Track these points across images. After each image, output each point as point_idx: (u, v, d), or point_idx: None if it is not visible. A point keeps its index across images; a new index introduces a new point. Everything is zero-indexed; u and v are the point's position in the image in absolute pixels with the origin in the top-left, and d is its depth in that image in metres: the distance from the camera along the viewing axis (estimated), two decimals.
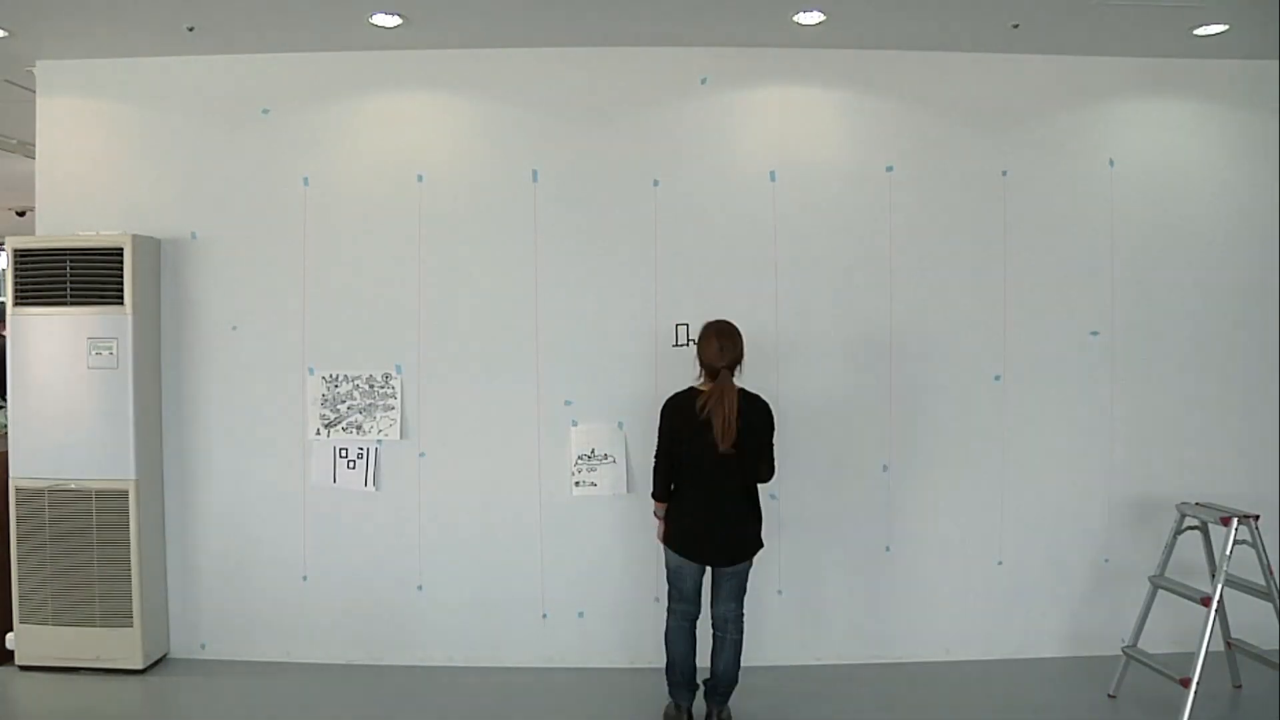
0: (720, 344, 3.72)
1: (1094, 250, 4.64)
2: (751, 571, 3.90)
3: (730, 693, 3.90)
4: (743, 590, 3.88)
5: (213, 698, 4.26)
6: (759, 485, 3.83)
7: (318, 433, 4.57)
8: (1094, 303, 4.64)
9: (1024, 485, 4.63)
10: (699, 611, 3.92)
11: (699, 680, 3.94)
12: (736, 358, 3.73)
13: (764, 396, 3.84)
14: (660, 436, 3.84)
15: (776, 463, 3.86)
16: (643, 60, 4.55)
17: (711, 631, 3.92)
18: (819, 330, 4.57)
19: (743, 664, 4.45)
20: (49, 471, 4.40)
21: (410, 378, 4.58)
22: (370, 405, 4.56)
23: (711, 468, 3.70)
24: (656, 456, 3.87)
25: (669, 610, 3.93)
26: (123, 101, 4.61)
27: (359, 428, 4.56)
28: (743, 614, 3.90)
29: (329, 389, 4.57)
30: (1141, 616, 4.21)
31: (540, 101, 4.55)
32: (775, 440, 3.83)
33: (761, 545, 3.86)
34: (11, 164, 6.50)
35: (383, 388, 4.56)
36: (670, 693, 3.93)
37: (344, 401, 4.56)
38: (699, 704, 3.95)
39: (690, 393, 3.79)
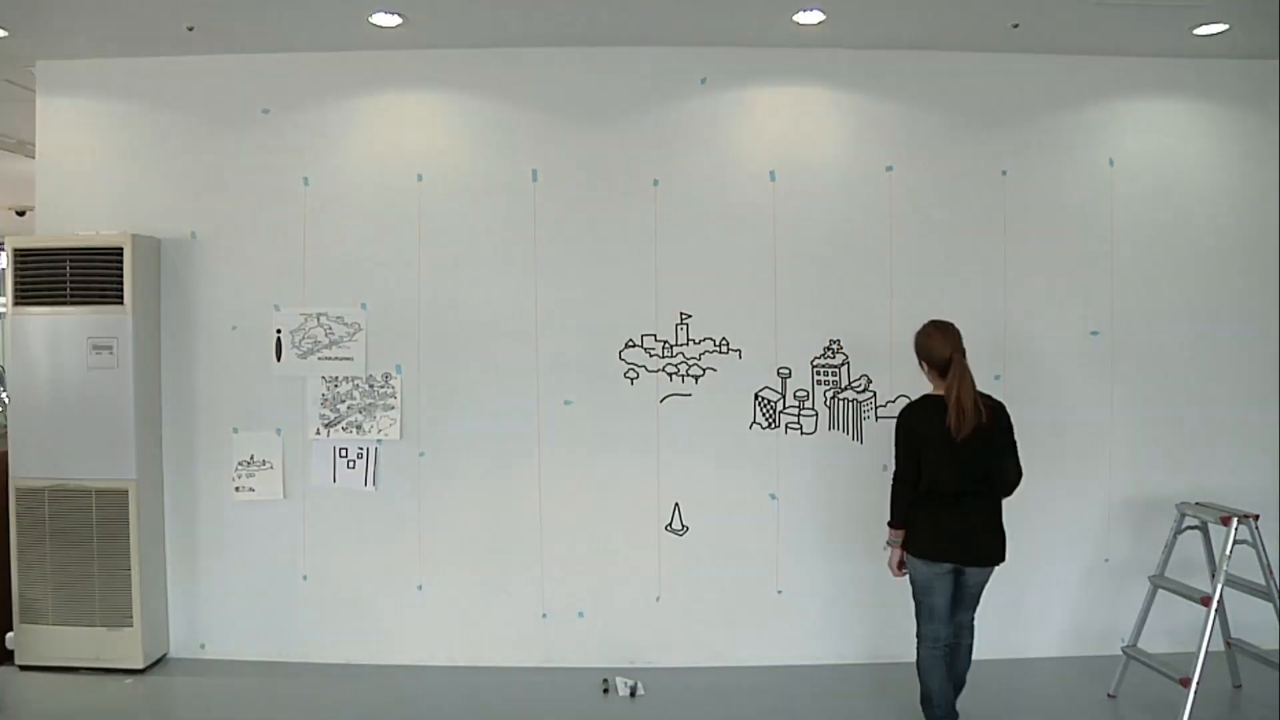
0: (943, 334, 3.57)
1: (1094, 250, 4.64)
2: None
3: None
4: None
5: (213, 698, 4.26)
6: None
7: (318, 432, 4.57)
8: (1094, 303, 4.64)
9: (1024, 485, 4.61)
10: (948, 632, 3.64)
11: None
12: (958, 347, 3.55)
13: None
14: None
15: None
16: (643, 60, 4.55)
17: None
18: (819, 329, 4.57)
19: (742, 663, 4.49)
20: (49, 471, 4.40)
21: (410, 378, 4.58)
22: (370, 405, 4.56)
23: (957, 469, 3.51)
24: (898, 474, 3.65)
25: (919, 637, 3.64)
26: (123, 101, 4.61)
27: (359, 427, 4.56)
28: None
29: (329, 389, 4.57)
30: (1141, 616, 4.21)
31: (540, 101, 4.55)
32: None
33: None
34: (11, 164, 6.50)
35: (383, 387, 4.56)
36: None
37: (344, 401, 4.56)
38: None
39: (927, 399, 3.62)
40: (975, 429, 3.47)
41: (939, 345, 3.56)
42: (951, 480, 3.51)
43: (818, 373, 4.59)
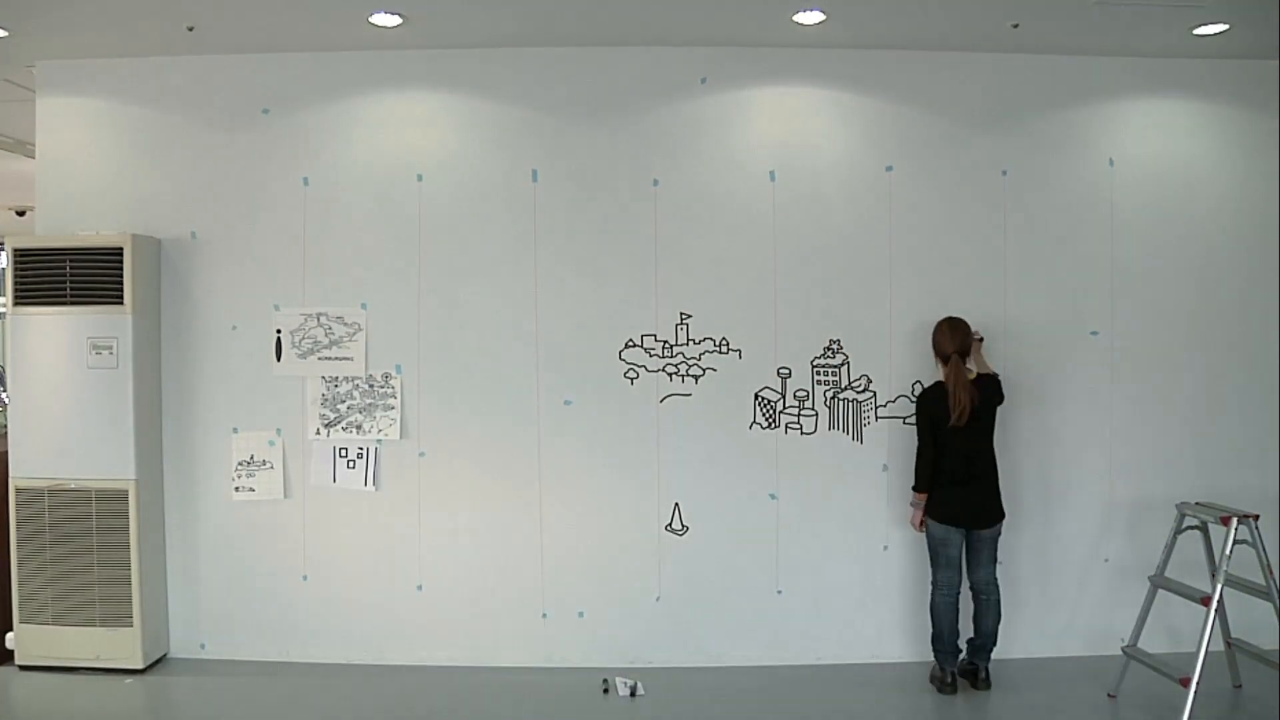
0: (950, 330, 4.26)
1: (1094, 250, 4.64)
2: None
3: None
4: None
5: (213, 698, 4.26)
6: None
7: (317, 433, 4.57)
8: (1094, 303, 4.64)
9: (1023, 485, 4.63)
10: (961, 581, 4.28)
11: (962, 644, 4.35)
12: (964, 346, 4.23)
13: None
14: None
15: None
16: (643, 60, 4.55)
17: (974, 596, 4.29)
18: (819, 329, 4.57)
19: (742, 663, 4.48)
20: (49, 471, 4.40)
21: (410, 377, 4.58)
22: (370, 405, 4.56)
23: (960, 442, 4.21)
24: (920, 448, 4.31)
25: (934, 584, 4.29)
26: (123, 101, 4.61)
27: (359, 427, 4.56)
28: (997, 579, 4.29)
29: (329, 389, 4.56)
30: (1141, 616, 4.20)
31: (540, 101, 4.55)
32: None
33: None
34: (11, 164, 6.50)
35: (382, 387, 4.56)
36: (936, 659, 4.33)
37: (344, 401, 4.56)
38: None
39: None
40: (971, 415, 4.15)
41: (944, 342, 4.27)
42: (956, 457, 4.19)
43: (818, 373, 4.59)
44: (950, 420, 4.15)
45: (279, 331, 4.57)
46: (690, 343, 4.56)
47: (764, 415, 4.58)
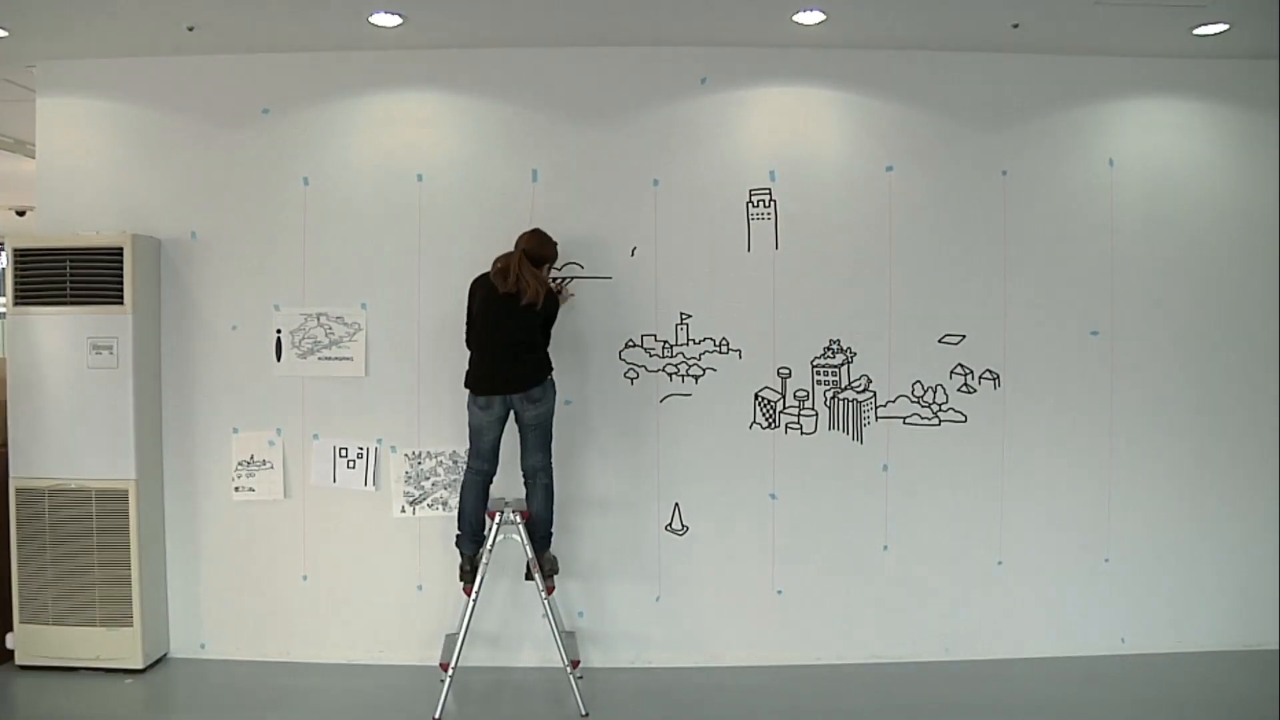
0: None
1: (1094, 250, 4.64)
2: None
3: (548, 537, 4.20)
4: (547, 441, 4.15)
5: (213, 698, 4.26)
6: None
7: (403, 510, 4.56)
8: (1094, 303, 4.64)
9: (1024, 485, 4.63)
10: (494, 469, 4.17)
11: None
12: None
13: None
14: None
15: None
16: (643, 60, 4.55)
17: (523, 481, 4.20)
18: (819, 329, 4.57)
19: (742, 663, 4.48)
20: (49, 471, 4.40)
21: (409, 377, 4.57)
22: (456, 481, 4.53)
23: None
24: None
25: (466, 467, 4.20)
26: (123, 101, 4.61)
27: (444, 504, 4.54)
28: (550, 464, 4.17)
29: (412, 466, 4.56)
30: (466, 614, 4.09)
31: (540, 101, 4.56)
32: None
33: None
34: (11, 164, 6.51)
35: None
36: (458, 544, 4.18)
37: (428, 478, 4.57)
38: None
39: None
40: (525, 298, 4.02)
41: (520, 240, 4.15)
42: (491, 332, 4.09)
43: (818, 373, 4.59)
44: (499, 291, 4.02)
45: (279, 331, 4.57)
46: (690, 343, 4.57)
47: (764, 415, 4.58)
